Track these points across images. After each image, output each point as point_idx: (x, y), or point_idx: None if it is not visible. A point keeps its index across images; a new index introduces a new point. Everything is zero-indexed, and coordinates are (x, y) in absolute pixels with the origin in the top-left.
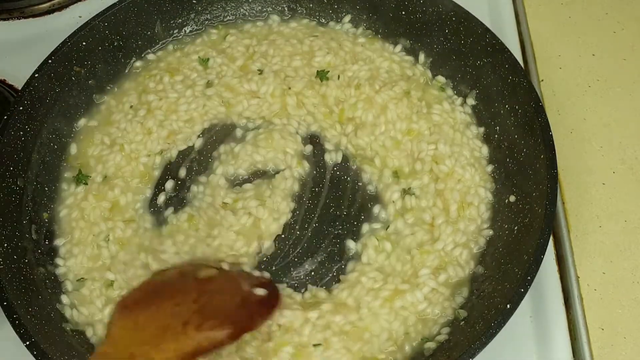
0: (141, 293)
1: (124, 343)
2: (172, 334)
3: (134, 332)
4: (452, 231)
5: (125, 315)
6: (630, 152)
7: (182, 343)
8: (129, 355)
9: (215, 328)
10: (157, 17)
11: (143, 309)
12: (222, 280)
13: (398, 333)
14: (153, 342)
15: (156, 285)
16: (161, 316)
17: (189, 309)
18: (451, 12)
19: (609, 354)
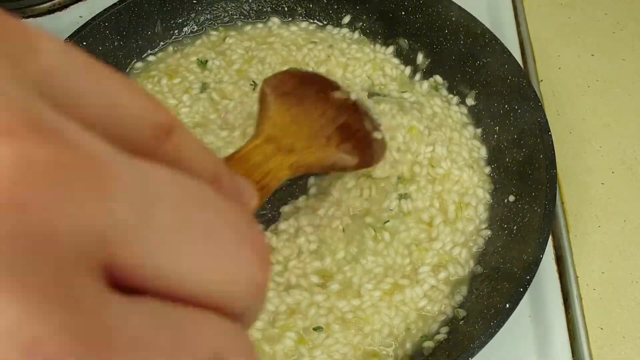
0: (288, 85)
1: (284, 132)
2: (319, 142)
3: (291, 125)
4: (450, 231)
5: (282, 102)
6: (629, 152)
7: (327, 153)
8: (290, 146)
9: (348, 152)
10: (158, 17)
11: (295, 104)
12: (351, 109)
13: (399, 329)
14: (307, 142)
15: (299, 82)
16: (311, 120)
17: (330, 125)
18: (451, 12)
19: (609, 353)
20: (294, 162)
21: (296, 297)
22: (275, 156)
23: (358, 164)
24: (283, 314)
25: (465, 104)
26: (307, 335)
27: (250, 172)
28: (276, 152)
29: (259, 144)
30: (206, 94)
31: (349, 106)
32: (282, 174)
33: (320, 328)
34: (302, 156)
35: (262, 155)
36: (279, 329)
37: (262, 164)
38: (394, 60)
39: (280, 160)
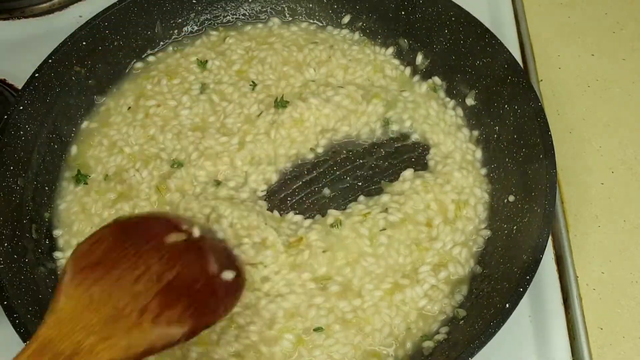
0: (101, 247)
1: (71, 327)
2: (125, 324)
3: (85, 311)
4: (450, 230)
5: (79, 282)
6: (629, 152)
7: (134, 339)
8: (72, 349)
9: (174, 322)
10: (158, 17)
11: (100, 277)
12: (190, 253)
13: (399, 329)
14: (103, 332)
15: (119, 237)
16: (119, 293)
17: (150, 289)
18: (451, 12)
19: (608, 353)
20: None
21: (293, 301)
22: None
23: (191, 330)
24: (282, 318)
25: (463, 105)
26: (307, 336)
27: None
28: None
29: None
30: (206, 95)
31: (187, 249)
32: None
33: (321, 328)
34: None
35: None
36: (276, 332)
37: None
38: (394, 61)
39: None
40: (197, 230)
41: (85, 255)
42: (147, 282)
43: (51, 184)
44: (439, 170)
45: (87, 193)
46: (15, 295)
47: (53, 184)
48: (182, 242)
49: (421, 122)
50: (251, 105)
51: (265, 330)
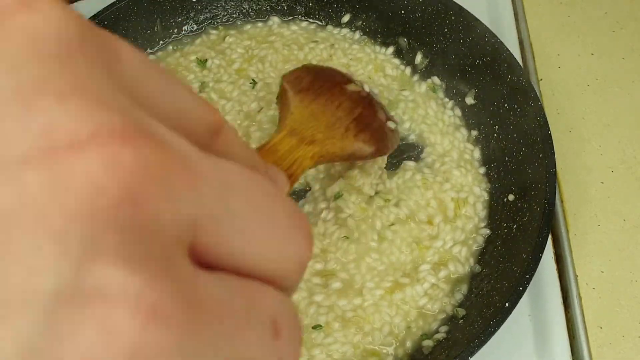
0: (305, 80)
1: (305, 126)
2: (339, 133)
3: (311, 118)
4: (450, 229)
5: (301, 99)
6: (629, 151)
7: (346, 144)
8: (311, 137)
9: (366, 142)
10: (157, 16)
11: (314, 99)
12: (366, 100)
13: (399, 328)
14: (327, 133)
15: (315, 77)
16: (329, 113)
17: (347, 116)
18: (450, 11)
19: (608, 352)
20: (316, 152)
21: (294, 297)
22: (299, 147)
23: (375, 152)
24: None
25: (462, 104)
26: (306, 334)
27: (279, 162)
28: (300, 144)
29: (283, 137)
30: (205, 93)
31: (362, 98)
32: (306, 163)
33: (320, 326)
34: (323, 146)
35: (287, 146)
36: None
37: (289, 154)
38: (395, 60)
39: (304, 151)
40: (367, 87)
41: (296, 83)
42: (344, 111)
43: None
44: (437, 168)
45: None
46: None
47: None
48: (357, 92)
49: (420, 122)
50: (251, 102)
51: None
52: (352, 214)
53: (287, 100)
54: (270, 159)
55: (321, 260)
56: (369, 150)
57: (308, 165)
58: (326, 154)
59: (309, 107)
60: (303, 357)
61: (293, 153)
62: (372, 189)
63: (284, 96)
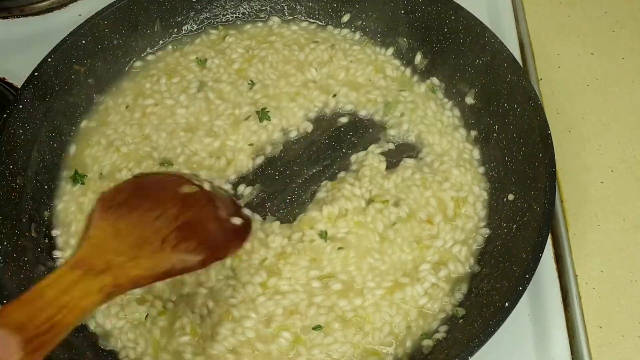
0: (123, 194)
1: (102, 250)
2: (149, 249)
3: (113, 239)
4: (450, 228)
5: (106, 217)
6: (629, 151)
7: (158, 261)
8: (105, 265)
9: (190, 251)
10: (157, 16)
11: (124, 214)
12: (202, 201)
13: (400, 327)
14: (130, 254)
15: (138, 188)
16: (141, 227)
17: (169, 225)
18: (450, 11)
19: (607, 352)
20: (107, 282)
21: (293, 299)
22: (79, 283)
23: (206, 259)
24: (280, 316)
25: (462, 104)
26: (305, 335)
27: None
28: (84, 277)
29: (62, 274)
30: (203, 92)
31: (197, 199)
32: (87, 301)
33: (320, 327)
34: (120, 272)
35: (63, 284)
36: (273, 330)
37: (57, 298)
38: (395, 61)
39: (85, 287)
40: (207, 185)
41: (110, 198)
42: (166, 220)
43: (50, 183)
44: (437, 167)
45: (84, 193)
46: (15, 294)
47: (52, 183)
48: (194, 192)
49: (418, 122)
50: (244, 105)
51: (262, 328)
52: (348, 231)
53: (90, 222)
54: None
55: (315, 268)
56: (196, 260)
57: (93, 302)
58: (125, 281)
59: (114, 225)
60: (302, 357)
61: (65, 295)
62: (364, 198)
63: (88, 217)
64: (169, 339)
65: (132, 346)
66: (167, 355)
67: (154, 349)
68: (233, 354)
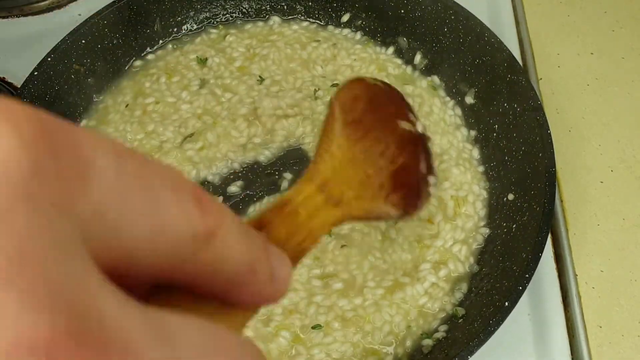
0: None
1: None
2: (370, 192)
3: (349, 166)
4: (450, 228)
5: (347, 135)
6: (629, 150)
7: (373, 206)
8: (339, 196)
9: (396, 205)
10: (157, 15)
11: (361, 137)
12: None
13: (400, 327)
14: (358, 190)
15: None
16: (370, 160)
17: (387, 167)
18: (450, 10)
19: (607, 351)
20: (338, 218)
21: (293, 298)
22: (321, 210)
23: (401, 214)
24: (279, 315)
25: (462, 103)
26: (305, 334)
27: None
28: (324, 205)
29: (311, 194)
30: (207, 88)
31: (411, 142)
32: (321, 232)
33: (319, 326)
34: (347, 210)
35: (311, 207)
36: (273, 329)
37: (308, 222)
38: (397, 60)
39: (325, 216)
40: (420, 127)
41: (349, 110)
42: (387, 159)
43: None
44: (436, 166)
45: None
46: None
47: None
48: (409, 132)
49: (423, 120)
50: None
51: (261, 327)
52: (352, 228)
53: (332, 132)
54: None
55: (318, 266)
56: (394, 215)
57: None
58: (346, 219)
59: (352, 148)
60: (302, 356)
61: (313, 219)
62: None
63: (329, 121)
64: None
65: None
66: None
67: None
68: None
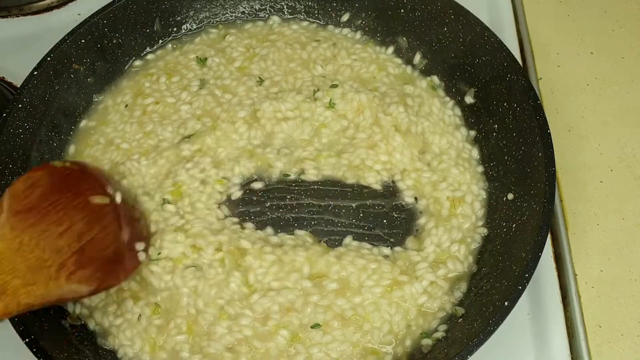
0: (36, 191)
1: (3, 266)
2: (46, 275)
3: (15, 255)
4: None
5: (14, 226)
6: (628, 149)
7: (51, 290)
8: (1, 286)
9: (84, 281)
10: (156, 15)
11: (33, 224)
12: (109, 217)
13: (399, 326)
14: (27, 277)
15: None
16: (44, 243)
17: (70, 246)
18: (450, 10)
19: (607, 351)
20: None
21: (287, 296)
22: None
23: (95, 289)
24: (277, 313)
25: (462, 103)
26: (304, 333)
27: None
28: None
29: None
30: (207, 89)
31: (106, 214)
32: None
33: (318, 325)
34: (12, 300)
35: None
36: (271, 327)
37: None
38: (396, 59)
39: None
40: (119, 197)
41: (21, 198)
42: (69, 239)
43: None
44: (435, 166)
45: None
46: None
47: None
48: (104, 205)
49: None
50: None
51: (259, 326)
52: None
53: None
54: None
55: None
56: (87, 290)
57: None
58: (14, 309)
59: (20, 236)
60: (301, 355)
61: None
62: None
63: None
64: (166, 338)
65: (129, 344)
66: (164, 354)
67: (150, 347)
68: (230, 352)
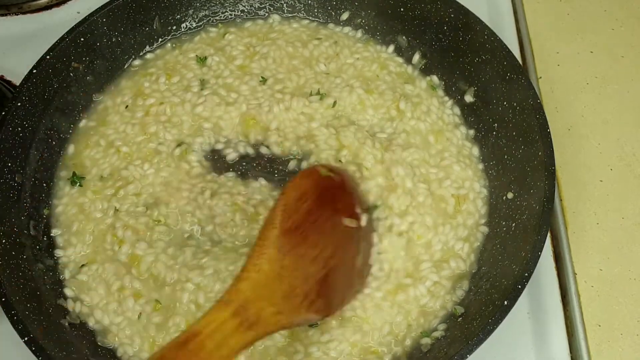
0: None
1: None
2: (292, 305)
3: (275, 281)
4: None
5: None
6: (628, 149)
7: (292, 318)
8: (255, 317)
9: (320, 311)
10: (156, 13)
11: (295, 245)
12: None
13: (400, 327)
14: (279, 305)
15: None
16: (298, 271)
17: (317, 273)
18: (450, 9)
19: (606, 350)
20: (248, 341)
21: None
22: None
23: (319, 319)
24: None
25: (462, 102)
26: (302, 331)
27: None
28: (236, 330)
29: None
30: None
31: (351, 238)
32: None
33: (316, 324)
34: (262, 329)
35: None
36: None
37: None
38: (397, 58)
39: (234, 344)
40: (364, 220)
41: (291, 212)
42: (318, 264)
43: (49, 181)
44: (437, 163)
45: (83, 193)
46: (13, 292)
47: (51, 182)
48: (352, 229)
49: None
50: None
51: None
52: None
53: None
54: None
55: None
56: (315, 320)
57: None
58: (260, 337)
59: (283, 260)
60: (300, 354)
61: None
62: None
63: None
64: (165, 336)
65: (129, 343)
66: None
67: (149, 346)
68: None
